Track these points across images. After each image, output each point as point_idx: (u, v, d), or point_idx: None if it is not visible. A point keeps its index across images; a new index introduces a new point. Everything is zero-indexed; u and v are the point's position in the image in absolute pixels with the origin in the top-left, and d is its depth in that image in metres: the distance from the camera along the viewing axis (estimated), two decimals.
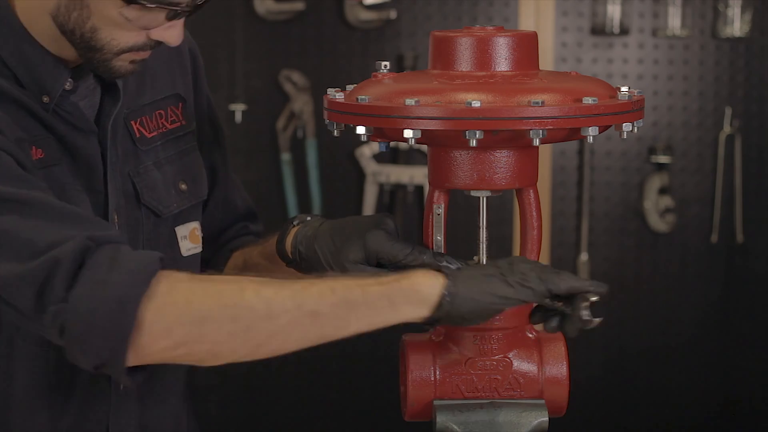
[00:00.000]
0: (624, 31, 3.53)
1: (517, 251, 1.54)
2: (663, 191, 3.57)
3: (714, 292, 3.63)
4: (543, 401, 1.47)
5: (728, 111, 3.57)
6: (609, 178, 3.60)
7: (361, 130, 1.40)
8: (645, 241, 3.61)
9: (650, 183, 3.57)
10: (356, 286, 1.37)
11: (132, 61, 1.52)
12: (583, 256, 3.59)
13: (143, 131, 1.64)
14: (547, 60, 3.49)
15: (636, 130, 1.42)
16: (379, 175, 3.52)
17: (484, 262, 1.49)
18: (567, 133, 1.39)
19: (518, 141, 1.39)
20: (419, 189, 3.55)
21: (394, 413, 1.64)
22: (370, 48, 3.53)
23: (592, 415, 3.62)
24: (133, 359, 1.36)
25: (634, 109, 1.41)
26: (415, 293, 1.37)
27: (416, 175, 3.53)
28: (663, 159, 3.56)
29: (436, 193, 1.47)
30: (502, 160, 1.43)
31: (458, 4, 3.53)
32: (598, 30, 3.53)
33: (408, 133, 1.35)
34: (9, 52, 1.52)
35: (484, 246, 1.50)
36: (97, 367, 1.37)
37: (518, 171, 1.43)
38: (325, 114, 1.46)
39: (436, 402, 1.46)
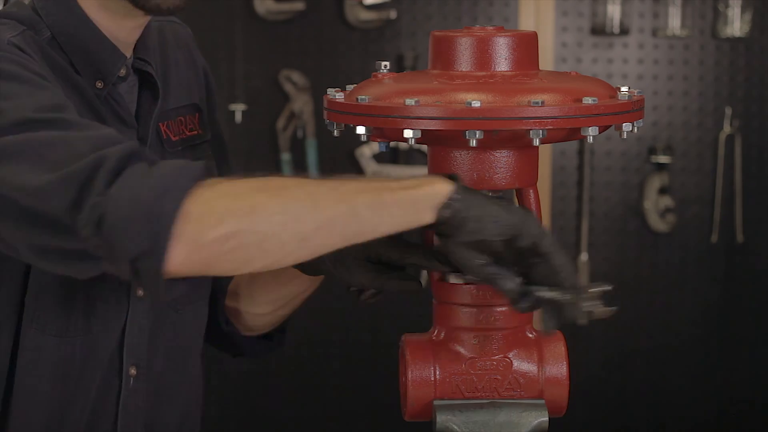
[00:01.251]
0: (624, 31, 3.53)
1: None
2: (663, 191, 3.57)
3: (714, 292, 3.63)
4: (543, 401, 1.47)
5: (728, 111, 3.57)
6: (609, 178, 3.60)
7: (361, 130, 1.40)
8: (645, 241, 3.61)
9: (650, 183, 3.57)
10: (385, 190, 1.34)
11: None
12: (583, 256, 3.59)
13: (169, 134, 1.66)
14: (547, 60, 3.49)
15: (636, 130, 1.42)
16: (379, 175, 3.52)
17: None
18: (567, 133, 1.39)
19: (518, 141, 1.39)
20: None
21: (394, 413, 1.64)
22: (370, 48, 3.54)
23: (592, 415, 3.62)
24: (180, 250, 1.27)
25: (634, 109, 1.41)
26: (436, 197, 1.33)
27: (416, 175, 3.52)
28: (663, 159, 3.56)
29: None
30: (502, 160, 1.43)
31: (458, 4, 3.53)
32: (598, 30, 3.53)
33: (408, 133, 1.35)
34: (67, 36, 1.54)
35: None
36: (136, 259, 1.27)
37: (518, 171, 1.43)
38: (325, 114, 1.47)
39: (436, 402, 1.46)
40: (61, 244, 1.32)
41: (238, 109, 3.54)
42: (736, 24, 3.52)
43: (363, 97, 1.39)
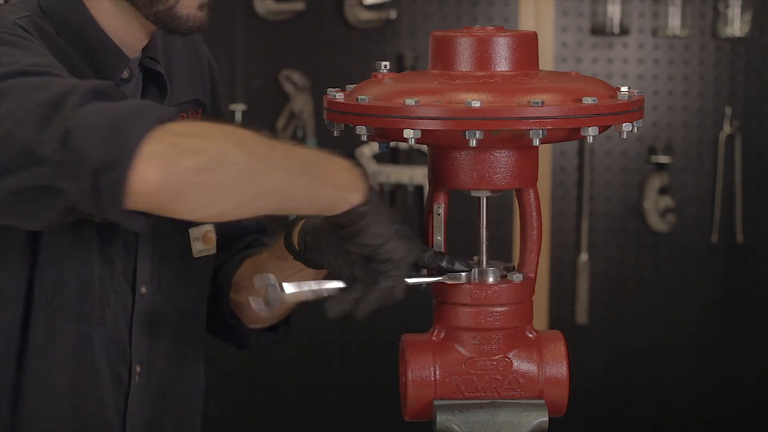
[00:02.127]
0: (624, 31, 3.53)
1: (516, 251, 1.54)
2: (663, 191, 3.57)
3: (714, 292, 3.63)
4: (543, 401, 1.47)
5: (728, 111, 3.57)
6: (609, 178, 3.60)
7: (361, 130, 1.40)
8: (645, 241, 3.61)
9: (650, 183, 3.57)
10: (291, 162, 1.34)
11: (200, 7, 1.53)
12: (583, 256, 3.59)
13: None
14: (547, 60, 3.49)
15: (636, 130, 1.42)
16: (379, 175, 3.52)
17: (485, 263, 1.49)
18: (567, 133, 1.39)
19: (518, 141, 1.39)
20: (419, 189, 3.55)
21: (394, 413, 1.64)
22: (370, 48, 3.54)
23: (592, 415, 3.62)
24: (154, 170, 1.23)
25: (633, 109, 1.41)
26: (354, 177, 1.37)
27: (416, 175, 3.53)
28: (663, 159, 3.56)
29: (436, 194, 1.47)
30: (502, 160, 1.43)
31: (458, 4, 3.53)
32: (598, 30, 3.53)
33: (408, 133, 1.35)
34: (70, 35, 1.53)
35: (484, 246, 1.50)
36: (99, 171, 1.23)
37: (518, 171, 1.43)
38: (325, 114, 1.47)
39: (436, 402, 1.46)
40: (25, 174, 1.28)
41: (238, 109, 3.54)
42: (736, 24, 3.52)
43: (363, 97, 1.39)
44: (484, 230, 1.50)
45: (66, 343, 1.55)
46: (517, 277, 1.46)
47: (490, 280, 1.47)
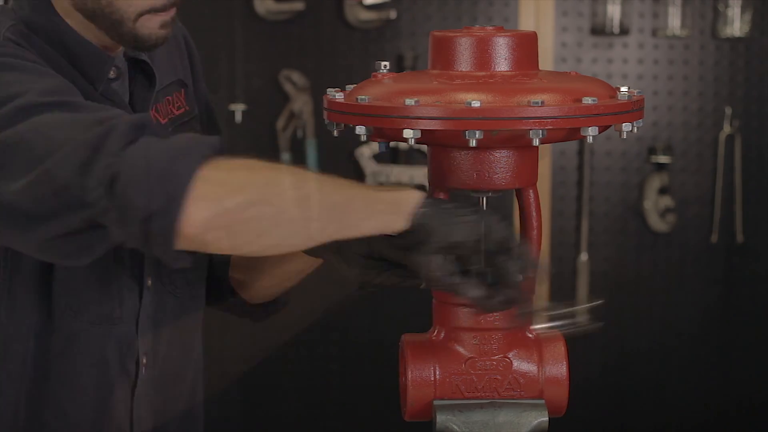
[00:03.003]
0: (624, 31, 3.53)
1: None
2: (663, 191, 3.57)
3: (714, 292, 3.63)
4: (543, 401, 1.47)
5: (728, 111, 3.57)
6: (609, 178, 3.60)
7: (360, 130, 1.40)
8: (645, 241, 3.61)
9: (650, 183, 3.57)
10: (369, 190, 1.34)
11: (162, 26, 1.53)
12: (583, 256, 3.59)
13: (158, 117, 1.66)
14: (547, 60, 3.49)
15: (636, 130, 1.42)
16: (379, 175, 3.52)
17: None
18: (567, 133, 1.39)
19: (518, 141, 1.39)
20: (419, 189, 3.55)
21: (393, 413, 1.64)
22: (369, 48, 3.54)
23: (592, 415, 3.62)
24: (202, 211, 1.25)
25: (633, 109, 1.41)
26: (409, 203, 1.33)
27: (416, 175, 3.53)
28: (663, 159, 3.56)
29: (436, 193, 1.47)
30: (502, 160, 1.43)
31: (458, 4, 3.53)
32: (598, 30, 3.53)
33: (408, 133, 1.35)
34: (51, 42, 1.54)
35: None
36: (150, 218, 1.25)
37: (518, 171, 1.43)
38: (325, 114, 1.47)
39: (435, 402, 1.46)
40: (70, 218, 1.29)
41: (238, 109, 3.54)
42: (735, 24, 3.52)
43: (363, 97, 1.39)
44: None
45: (87, 345, 1.57)
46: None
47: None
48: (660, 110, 3.58)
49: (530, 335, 1.49)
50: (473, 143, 1.33)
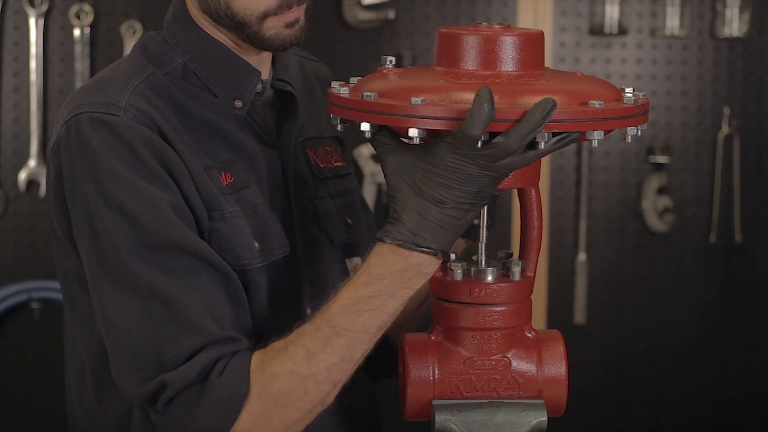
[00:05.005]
0: (622, 31, 3.53)
1: (516, 251, 1.54)
2: (661, 191, 3.57)
3: (712, 292, 3.63)
4: (542, 401, 1.47)
5: (726, 111, 3.57)
6: (607, 178, 3.60)
7: (365, 126, 1.39)
8: (643, 241, 3.61)
9: (648, 183, 3.57)
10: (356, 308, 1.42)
11: (287, 26, 1.57)
12: (582, 256, 3.59)
13: (317, 161, 1.70)
14: (545, 60, 3.48)
15: (640, 133, 1.42)
16: (377, 175, 3.52)
17: (483, 263, 1.49)
18: None
19: None
20: None
21: (393, 413, 1.64)
22: (368, 48, 3.53)
23: (591, 415, 3.62)
24: None
25: (639, 113, 1.41)
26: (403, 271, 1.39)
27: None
28: (661, 159, 3.56)
29: None
30: None
31: (456, 4, 3.53)
32: (597, 30, 3.53)
33: (413, 132, 1.35)
34: (199, 61, 1.58)
35: (483, 246, 1.50)
36: None
37: (521, 171, 1.43)
38: (329, 108, 1.46)
39: (434, 402, 1.46)
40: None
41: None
42: (734, 24, 3.52)
43: (369, 93, 1.39)
44: (485, 231, 1.50)
45: None
46: (514, 275, 1.46)
47: (489, 279, 1.47)
48: (658, 110, 3.58)
49: (529, 335, 1.49)
50: (478, 144, 1.33)
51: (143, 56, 1.59)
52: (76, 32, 3.36)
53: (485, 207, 1.48)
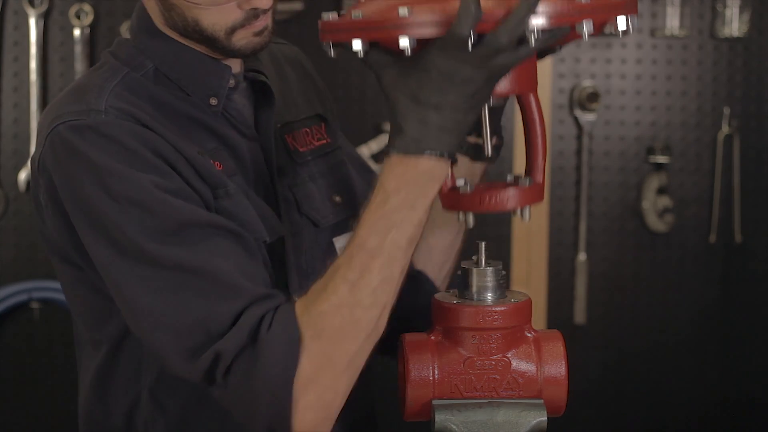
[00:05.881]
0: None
1: (516, 252, 1.54)
2: (661, 191, 3.57)
3: (712, 292, 3.63)
4: (542, 401, 1.47)
5: (726, 111, 3.57)
6: (607, 178, 3.60)
7: (357, 45, 1.39)
8: (643, 241, 3.61)
9: (648, 183, 3.57)
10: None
11: (256, 34, 1.57)
12: (582, 256, 3.59)
13: (296, 145, 1.71)
14: (545, 59, 3.48)
15: (632, 29, 1.42)
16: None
17: (483, 263, 1.49)
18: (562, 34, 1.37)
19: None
20: None
21: (392, 413, 1.64)
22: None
23: (591, 415, 3.62)
24: (311, 418, 1.42)
25: (628, 3, 1.40)
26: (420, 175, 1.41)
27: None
28: (661, 159, 3.56)
29: None
30: None
31: None
32: None
33: (404, 42, 1.34)
34: (169, 64, 1.59)
35: (483, 245, 1.50)
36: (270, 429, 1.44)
37: (517, 76, 1.42)
38: (320, 36, 1.46)
39: (434, 402, 1.46)
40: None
41: None
42: (734, 24, 3.52)
43: (357, 13, 1.39)
44: (490, 146, 1.52)
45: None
46: (524, 182, 1.45)
47: (489, 278, 1.48)
48: (658, 110, 3.58)
49: (529, 335, 1.49)
50: (470, 48, 1.32)
51: (115, 61, 1.61)
52: (76, 32, 3.36)
53: (488, 121, 1.49)
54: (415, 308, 1.70)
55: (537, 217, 3.50)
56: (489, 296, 1.48)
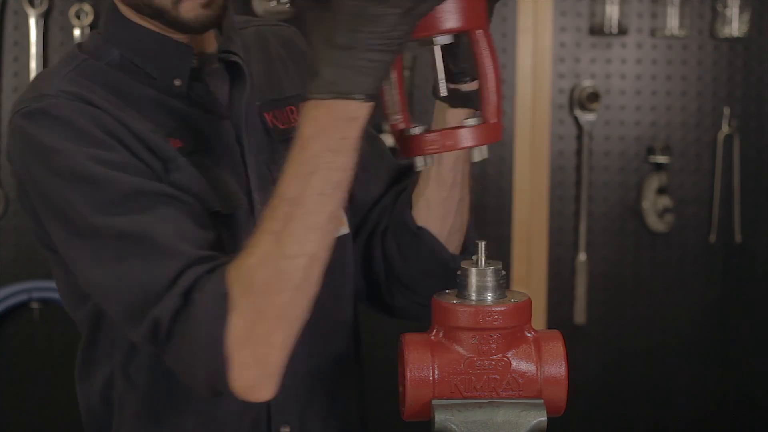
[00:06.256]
0: (622, 31, 3.53)
1: (516, 251, 1.54)
2: (661, 191, 3.57)
3: (712, 292, 3.63)
4: (542, 401, 1.47)
5: (726, 111, 3.57)
6: (607, 178, 3.60)
7: None
8: (643, 241, 3.61)
9: (648, 183, 3.57)
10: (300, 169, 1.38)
11: (203, 6, 1.58)
12: (582, 256, 3.59)
13: (276, 123, 1.71)
14: (545, 60, 3.49)
15: None
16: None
17: (483, 263, 1.49)
18: None
19: None
20: None
21: (392, 413, 1.64)
22: None
23: (591, 415, 3.62)
24: (247, 376, 1.41)
25: None
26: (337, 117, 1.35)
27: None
28: (661, 159, 3.56)
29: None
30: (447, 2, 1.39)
31: None
32: (597, 30, 3.53)
33: None
34: (134, 50, 1.62)
35: (483, 245, 1.50)
36: (212, 390, 1.45)
37: (461, 11, 1.40)
38: None
39: (434, 401, 1.46)
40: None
41: None
42: (734, 24, 3.52)
43: None
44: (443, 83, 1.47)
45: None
46: (473, 121, 1.43)
47: (489, 278, 1.47)
48: (658, 110, 3.58)
49: (529, 335, 1.49)
50: None
51: (78, 51, 1.64)
52: (76, 32, 3.36)
53: (440, 61, 1.45)
54: (419, 266, 1.70)
55: (537, 217, 3.50)
56: (489, 296, 1.48)
